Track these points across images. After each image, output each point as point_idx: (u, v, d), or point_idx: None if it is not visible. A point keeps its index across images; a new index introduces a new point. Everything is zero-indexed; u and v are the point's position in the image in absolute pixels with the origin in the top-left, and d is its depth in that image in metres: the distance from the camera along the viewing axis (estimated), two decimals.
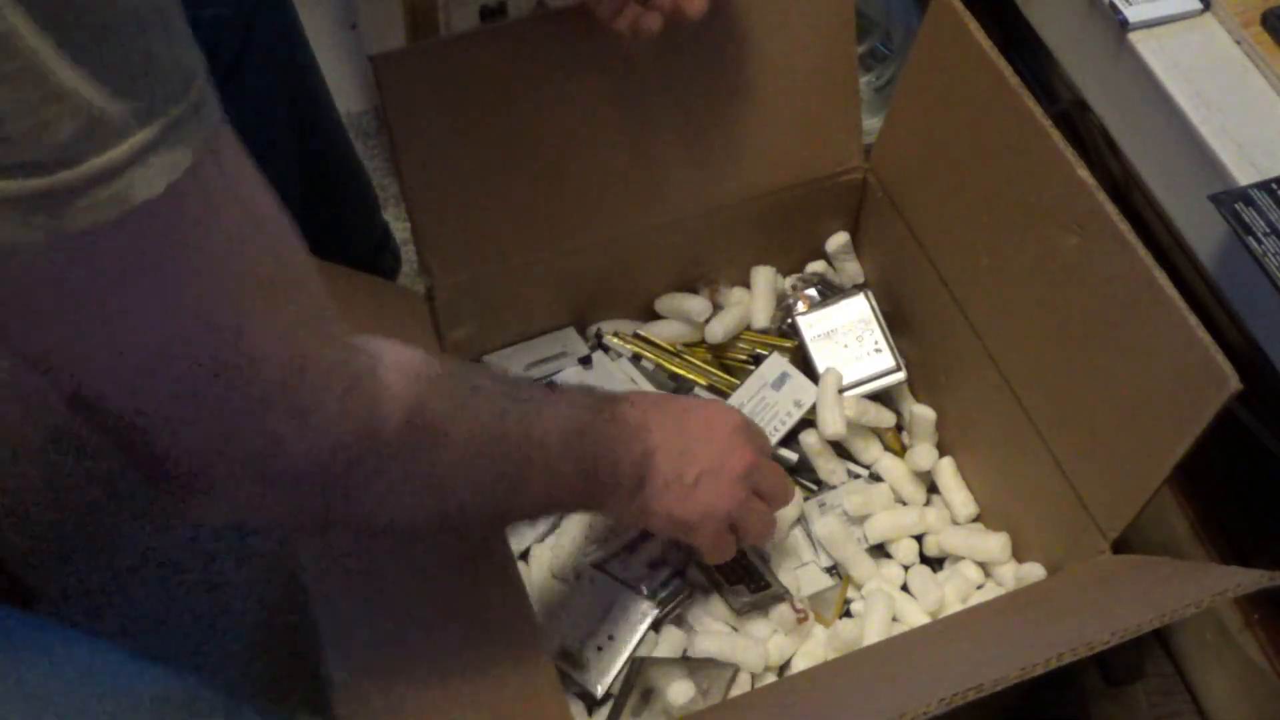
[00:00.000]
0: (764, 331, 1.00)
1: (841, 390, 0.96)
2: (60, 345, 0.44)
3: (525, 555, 0.91)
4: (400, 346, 0.57)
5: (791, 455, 0.95)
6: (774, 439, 0.94)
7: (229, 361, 0.46)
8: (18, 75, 0.36)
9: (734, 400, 0.96)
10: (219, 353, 0.46)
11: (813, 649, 0.87)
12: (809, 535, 0.93)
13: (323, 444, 0.51)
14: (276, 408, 0.49)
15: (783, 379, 0.96)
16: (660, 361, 0.99)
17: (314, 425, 0.50)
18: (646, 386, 0.98)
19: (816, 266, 1.05)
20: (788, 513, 0.92)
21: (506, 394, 0.64)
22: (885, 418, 0.96)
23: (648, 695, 0.84)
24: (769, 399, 0.95)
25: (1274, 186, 0.72)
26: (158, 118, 0.40)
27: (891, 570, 0.92)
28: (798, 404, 0.95)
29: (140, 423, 0.47)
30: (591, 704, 0.85)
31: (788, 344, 0.99)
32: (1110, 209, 0.76)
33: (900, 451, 0.97)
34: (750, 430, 0.80)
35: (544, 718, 0.71)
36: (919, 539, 0.93)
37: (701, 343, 1.01)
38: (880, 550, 0.94)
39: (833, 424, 0.92)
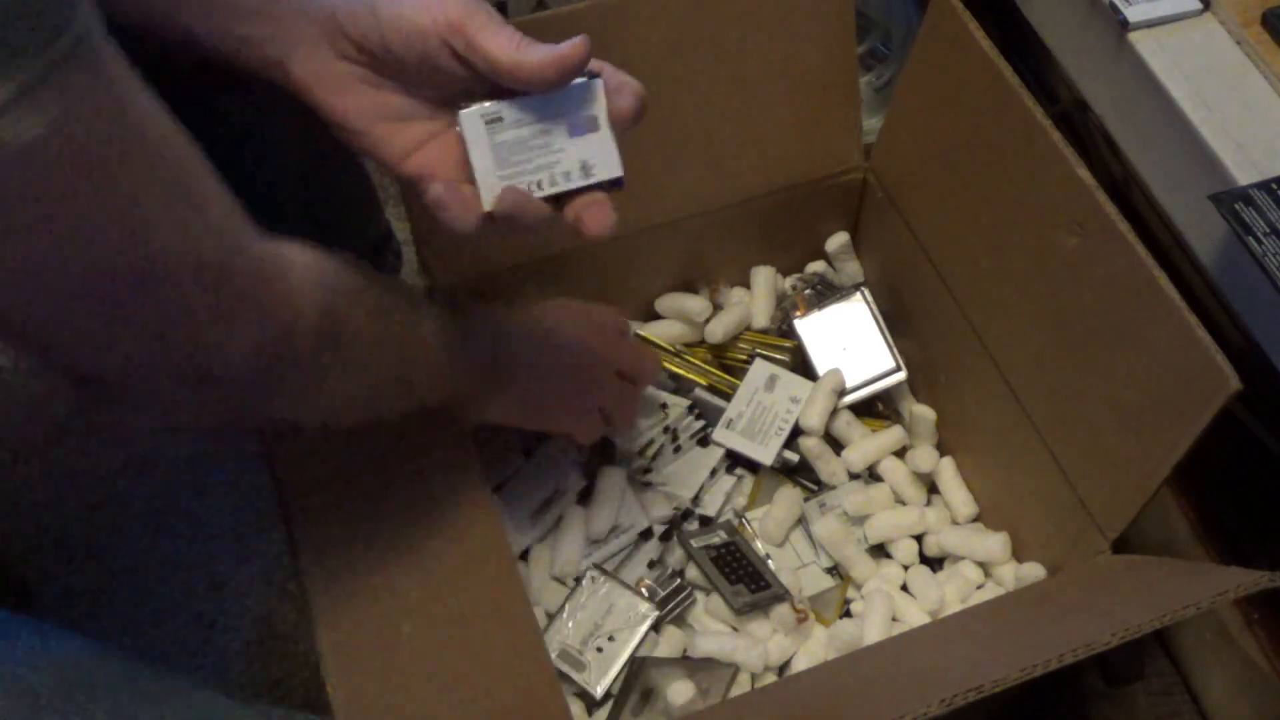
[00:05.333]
0: (764, 331, 1.00)
1: (842, 393, 0.96)
2: None
3: (525, 555, 0.91)
4: (308, 251, 0.58)
5: (792, 455, 0.95)
6: (779, 438, 0.94)
7: (142, 272, 0.48)
8: None
9: (730, 410, 0.96)
10: (131, 265, 0.47)
11: (813, 649, 0.87)
12: (809, 535, 0.93)
13: (244, 346, 0.53)
14: (195, 314, 0.51)
15: (772, 380, 0.96)
16: (660, 361, 0.99)
17: (234, 328, 0.52)
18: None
19: (816, 266, 1.05)
20: (788, 513, 0.92)
21: (396, 299, 0.66)
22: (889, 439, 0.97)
23: (648, 695, 0.84)
24: (764, 402, 0.95)
25: (1274, 186, 0.72)
26: (20, 72, 0.41)
27: (891, 570, 0.92)
28: (794, 400, 0.95)
29: (62, 338, 0.49)
30: (591, 704, 0.85)
31: (788, 344, 0.99)
32: (1110, 209, 0.76)
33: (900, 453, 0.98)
34: (601, 317, 0.88)
35: (544, 718, 0.71)
36: (919, 539, 0.93)
37: (701, 343, 1.01)
38: (880, 550, 0.94)
39: (813, 418, 0.93)
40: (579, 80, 0.62)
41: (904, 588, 0.91)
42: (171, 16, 0.65)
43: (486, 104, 0.62)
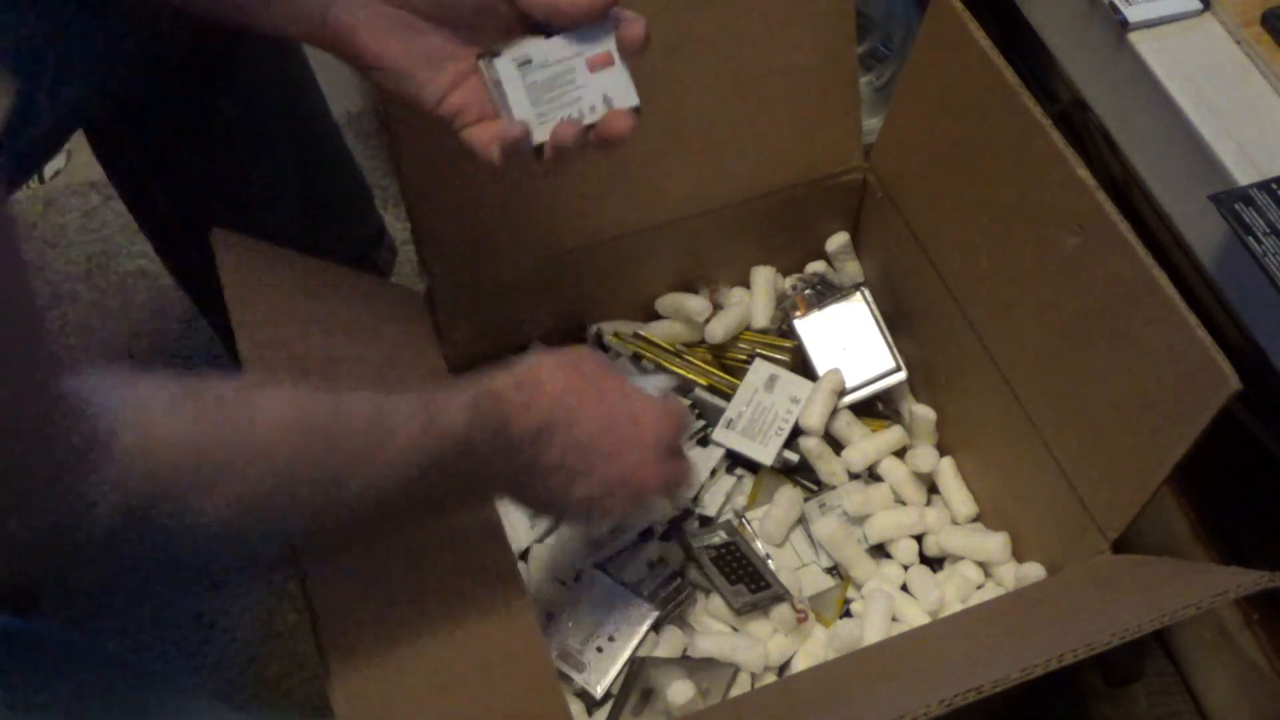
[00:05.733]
0: (764, 331, 1.00)
1: (842, 393, 0.96)
2: None
3: (525, 555, 0.91)
4: (152, 385, 0.51)
5: (793, 456, 0.95)
6: (779, 438, 0.94)
7: None
8: None
9: (730, 410, 0.95)
10: None
11: (813, 649, 0.87)
12: (809, 535, 0.93)
13: (43, 519, 0.47)
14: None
15: (772, 380, 0.96)
16: (660, 361, 0.99)
17: (35, 499, 0.46)
18: None
19: (816, 266, 1.05)
20: (788, 513, 0.92)
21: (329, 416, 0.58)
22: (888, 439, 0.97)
23: (648, 695, 0.84)
24: (764, 402, 0.95)
25: (1274, 186, 0.72)
26: None
27: (891, 570, 0.92)
28: (794, 400, 0.95)
29: None
30: (591, 704, 0.85)
31: (788, 344, 0.99)
32: (1110, 209, 0.76)
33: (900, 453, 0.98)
34: (666, 435, 0.74)
35: (544, 718, 0.71)
36: (919, 539, 0.93)
37: (701, 343, 1.01)
38: (880, 550, 0.94)
39: (813, 418, 0.93)
40: (601, 22, 0.67)
41: (904, 588, 0.91)
42: None
43: (514, 48, 0.66)
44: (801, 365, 0.98)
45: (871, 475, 0.96)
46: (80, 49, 0.74)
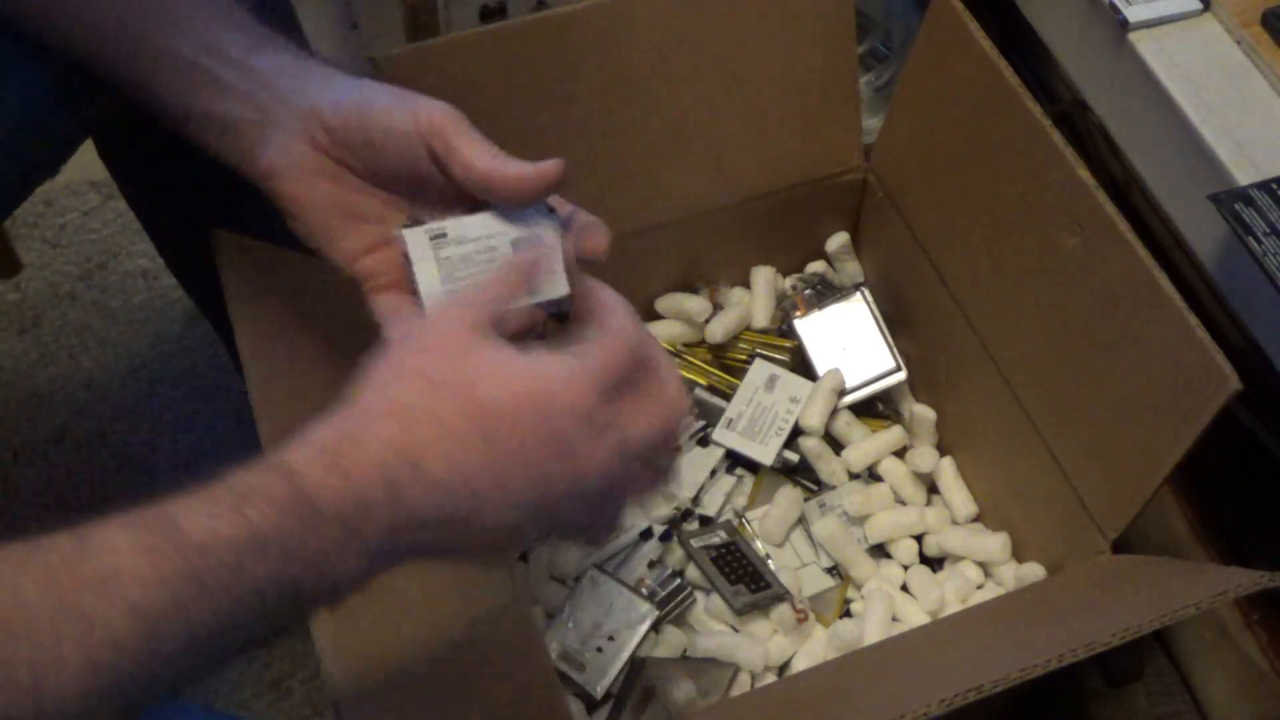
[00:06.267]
0: (764, 331, 1.00)
1: (842, 393, 0.96)
2: None
3: (525, 555, 0.91)
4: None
5: (793, 456, 0.95)
6: (779, 438, 0.94)
7: None
8: None
9: (730, 410, 0.95)
10: None
11: (813, 649, 0.87)
12: (809, 535, 0.93)
13: None
14: None
15: (772, 380, 0.96)
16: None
17: None
18: None
19: (816, 266, 1.05)
20: (788, 513, 0.92)
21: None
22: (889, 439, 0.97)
23: (648, 695, 0.84)
24: (764, 402, 0.95)
25: (1274, 186, 0.72)
26: None
27: (891, 570, 0.92)
28: (794, 400, 0.95)
29: None
30: (591, 704, 0.85)
31: (788, 344, 0.99)
32: (1110, 209, 0.76)
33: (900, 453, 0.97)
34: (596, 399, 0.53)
35: (544, 718, 0.71)
36: (919, 539, 0.93)
37: (701, 343, 1.01)
38: (880, 550, 0.94)
39: (813, 418, 0.93)
40: (535, 206, 0.61)
41: (904, 588, 0.91)
42: (142, 79, 0.64)
43: (436, 222, 0.61)
44: (801, 365, 0.98)
45: (871, 475, 0.96)
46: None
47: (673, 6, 0.87)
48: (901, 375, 0.97)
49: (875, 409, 1.00)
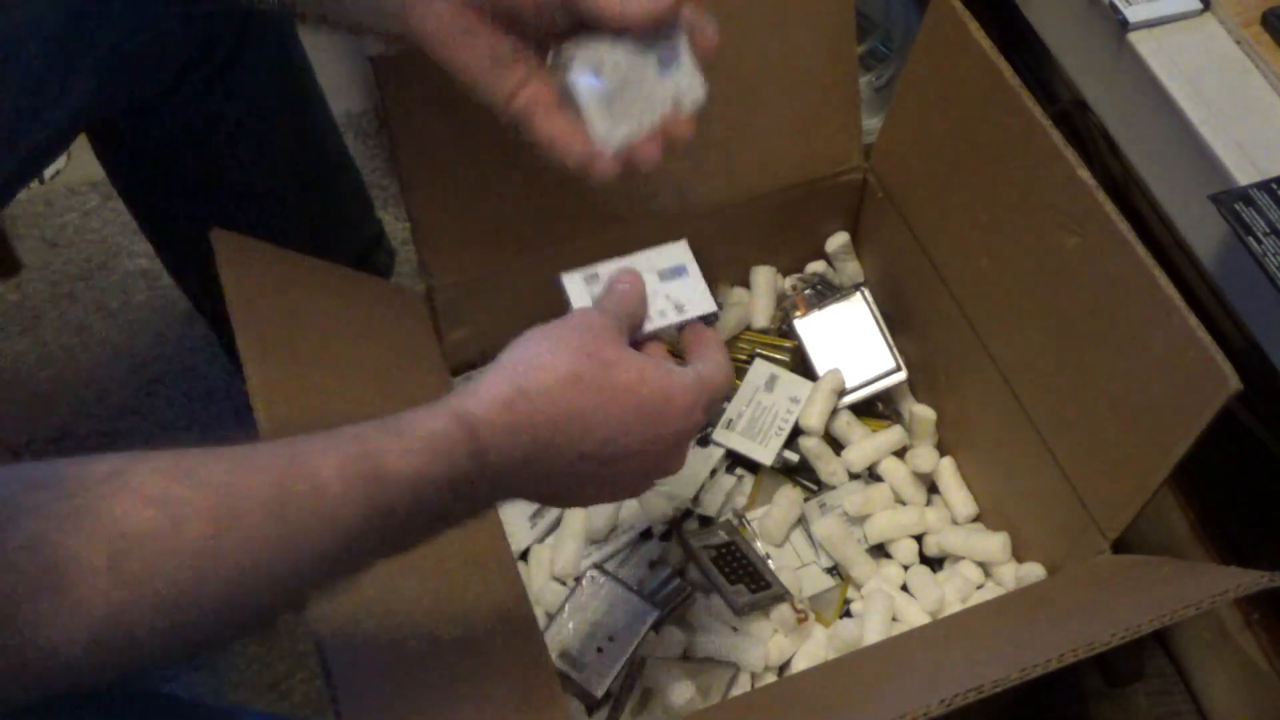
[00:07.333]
0: (764, 331, 1.00)
1: (842, 393, 0.96)
2: None
3: (525, 555, 0.91)
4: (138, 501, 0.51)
5: (793, 456, 0.95)
6: (779, 438, 0.94)
7: None
8: None
9: (730, 410, 0.95)
10: None
11: (813, 649, 0.87)
12: (809, 535, 0.93)
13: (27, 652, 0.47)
14: None
15: (772, 380, 0.96)
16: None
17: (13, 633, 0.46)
18: None
19: (816, 266, 1.05)
20: (788, 513, 0.92)
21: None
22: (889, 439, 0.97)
23: (648, 695, 0.84)
24: (764, 402, 0.95)
25: (1274, 186, 0.72)
26: None
27: (891, 570, 0.92)
28: (794, 400, 0.95)
29: None
30: (591, 704, 0.85)
31: (788, 344, 0.99)
32: (1110, 209, 0.76)
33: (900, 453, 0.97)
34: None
35: (544, 718, 0.71)
36: (919, 539, 0.93)
37: None
38: (880, 550, 0.94)
39: (813, 418, 0.93)
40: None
41: (904, 588, 0.91)
42: None
43: (584, 50, 0.67)
44: (801, 365, 0.98)
45: (871, 475, 0.96)
46: (87, 50, 0.75)
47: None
48: (901, 375, 0.97)
49: (875, 409, 1.00)
